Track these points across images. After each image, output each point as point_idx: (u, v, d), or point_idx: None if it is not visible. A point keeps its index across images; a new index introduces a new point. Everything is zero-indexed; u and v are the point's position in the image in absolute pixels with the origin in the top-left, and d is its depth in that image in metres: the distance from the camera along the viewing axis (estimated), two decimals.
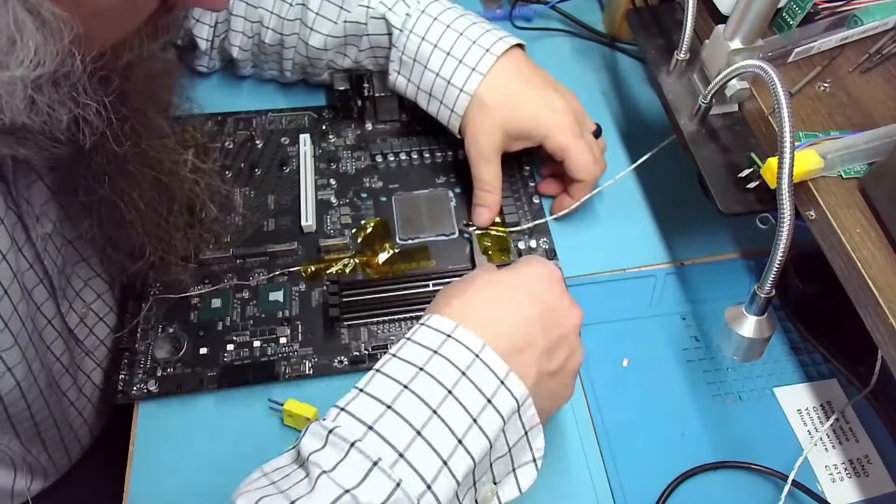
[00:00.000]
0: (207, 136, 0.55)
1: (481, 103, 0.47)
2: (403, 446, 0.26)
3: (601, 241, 0.52)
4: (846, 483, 0.43)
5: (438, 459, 0.27)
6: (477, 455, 0.28)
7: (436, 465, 0.26)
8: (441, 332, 0.31)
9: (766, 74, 0.34)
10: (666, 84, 0.46)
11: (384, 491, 0.25)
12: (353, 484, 0.25)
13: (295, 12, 0.51)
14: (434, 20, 0.48)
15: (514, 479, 0.31)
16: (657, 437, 0.44)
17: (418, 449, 0.26)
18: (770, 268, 0.34)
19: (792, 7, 0.43)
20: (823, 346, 0.47)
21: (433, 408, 0.28)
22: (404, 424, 0.27)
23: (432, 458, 0.27)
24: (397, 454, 0.26)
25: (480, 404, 0.28)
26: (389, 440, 0.26)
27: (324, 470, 0.26)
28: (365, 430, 0.27)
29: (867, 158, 0.38)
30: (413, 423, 0.27)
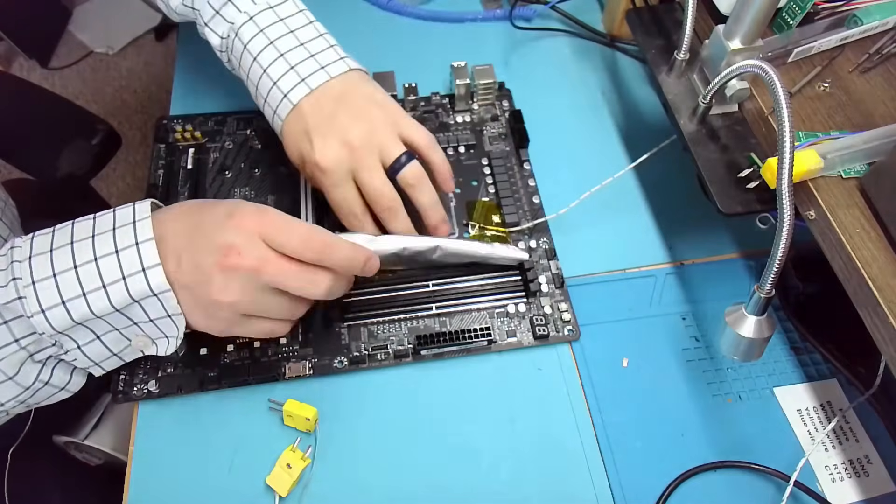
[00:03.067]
0: (207, 137, 0.55)
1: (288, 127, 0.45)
2: (39, 278, 0.35)
3: (601, 241, 0.52)
4: (846, 483, 0.43)
5: (59, 298, 0.35)
6: (97, 310, 0.35)
7: (55, 300, 0.35)
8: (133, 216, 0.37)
9: (766, 74, 0.34)
10: (666, 84, 0.46)
11: (9, 297, 0.34)
12: None
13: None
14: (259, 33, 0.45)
15: (167, 341, 0.39)
16: (657, 437, 0.44)
17: (47, 284, 0.35)
18: (770, 268, 0.34)
19: (792, 7, 0.43)
20: (823, 346, 0.47)
21: (77, 264, 0.35)
22: (49, 266, 0.35)
23: (54, 295, 0.35)
24: (31, 281, 0.35)
25: (115, 277, 0.35)
26: (33, 271, 0.35)
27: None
28: (26, 258, 0.35)
29: (867, 158, 0.38)
30: (55, 267, 0.35)
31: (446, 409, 0.44)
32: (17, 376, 0.36)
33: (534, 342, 0.46)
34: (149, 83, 1.60)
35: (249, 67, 0.45)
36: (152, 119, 0.63)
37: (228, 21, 0.46)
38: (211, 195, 0.52)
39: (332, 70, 0.44)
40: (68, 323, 0.35)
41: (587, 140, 0.58)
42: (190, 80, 0.60)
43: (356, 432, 0.43)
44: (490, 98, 0.58)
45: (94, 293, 0.35)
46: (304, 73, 0.44)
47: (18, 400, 0.37)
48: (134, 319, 0.37)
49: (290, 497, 0.40)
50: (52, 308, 0.34)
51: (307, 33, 0.45)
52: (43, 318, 0.34)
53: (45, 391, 0.38)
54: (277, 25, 0.45)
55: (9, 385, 0.36)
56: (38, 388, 0.38)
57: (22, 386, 0.37)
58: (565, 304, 0.48)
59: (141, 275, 0.35)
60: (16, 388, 0.37)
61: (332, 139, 0.43)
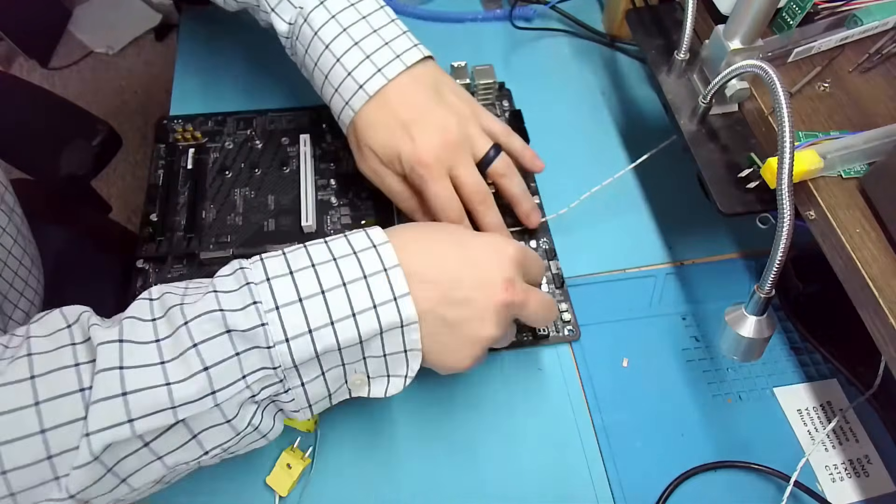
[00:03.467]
0: (207, 137, 0.55)
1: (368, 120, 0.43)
2: (283, 302, 0.31)
3: (601, 241, 0.52)
4: (846, 483, 0.43)
5: (305, 325, 0.31)
6: (343, 341, 0.32)
7: (301, 328, 0.31)
8: (371, 240, 0.34)
9: (766, 74, 0.34)
10: (666, 84, 0.46)
11: (250, 324, 0.30)
12: (230, 307, 0.31)
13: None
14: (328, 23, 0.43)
15: (386, 382, 0.36)
16: (657, 437, 0.44)
17: (293, 310, 0.31)
18: (770, 268, 0.34)
19: (792, 7, 0.43)
20: (823, 346, 0.47)
21: (324, 288, 0.32)
22: (293, 289, 0.32)
23: (300, 322, 0.31)
24: (275, 305, 0.31)
25: (366, 305, 0.32)
26: (275, 294, 0.31)
27: (216, 289, 0.31)
28: (263, 279, 0.32)
29: (867, 158, 0.38)
30: (301, 291, 0.32)
31: (446, 409, 0.44)
32: (235, 419, 0.31)
33: (534, 342, 0.46)
34: (149, 83, 1.60)
35: (320, 55, 0.43)
36: (152, 119, 0.63)
37: (296, 6, 0.44)
38: (211, 195, 0.52)
39: (407, 59, 0.43)
40: (310, 355, 0.31)
41: (587, 140, 0.58)
42: (190, 80, 0.60)
43: (356, 432, 0.43)
44: (490, 98, 0.58)
45: (343, 322, 0.32)
46: (381, 63, 0.42)
47: (223, 447, 0.33)
48: (366, 353, 0.33)
49: (290, 497, 0.40)
50: (298, 337, 0.31)
51: (379, 19, 0.44)
52: (286, 348, 0.31)
53: (249, 438, 0.34)
54: (349, 11, 0.43)
55: (223, 429, 0.31)
56: (246, 434, 0.33)
57: (235, 430, 0.32)
58: (565, 304, 0.48)
59: (392, 304, 0.32)
60: (229, 432, 0.32)
61: (432, 132, 0.42)
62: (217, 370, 0.30)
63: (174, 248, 0.49)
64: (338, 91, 0.43)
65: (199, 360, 0.30)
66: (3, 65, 1.58)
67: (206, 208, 0.51)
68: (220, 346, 0.30)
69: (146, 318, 0.31)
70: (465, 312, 0.35)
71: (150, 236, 0.49)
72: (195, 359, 0.30)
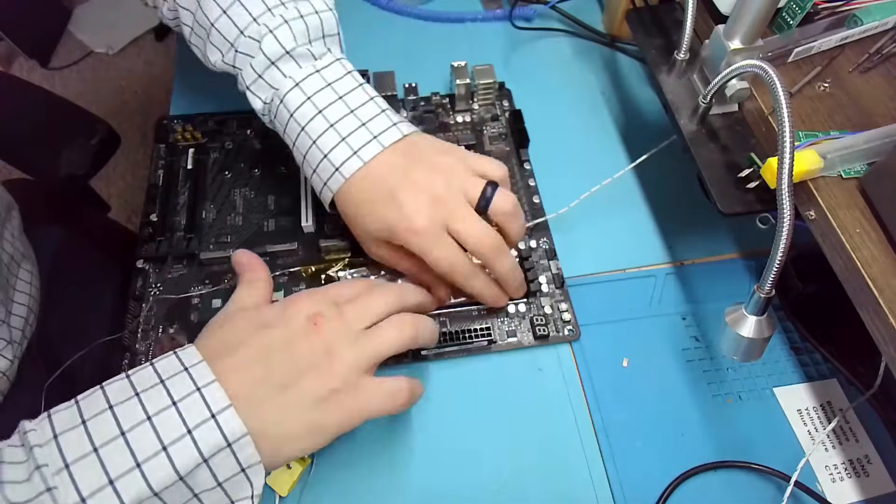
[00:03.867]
0: (207, 137, 0.55)
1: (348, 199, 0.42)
2: (73, 458, 0.28)
3: (601, 241, 0.52)
4: (846, 483, 0.43)
5: (105, 478, 0.28)
6: (156, 482, 0.28)
7: (100, 482, 0.28)
8: (182, 363, 0.32)
9: (766, 74, 0.34)
10: (666, 84, 0.46)
11: (34, 492, 0.27)
12: (10, 480, 0.27)
13: None
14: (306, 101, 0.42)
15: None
16: (657, 437, 0.44)
17: (87, 463, 0.28)
18: (770, 268, 0.34)
19: (792, 7, 0.43)
20: (823, 346, 0.47)
21: (124, 430, 0.29)
22: (86, 440, 0.28)
23: (96, 475, 0.28)
24: (64, 464, 0.28)
25: (178, 433, 0.29)
26: (63, 451, 0.28)
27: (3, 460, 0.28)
28: (50, 439, 0.28)
29: (867, 158, 0.38)
30: (95, 440, 0.28)
31: (446, 409, 0.44)
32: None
33: (534, 342, 0.46)
34: (149, 83, 1.60)
35: (297, 136, 0.42)
36: (152, 119, 0.63)
37: (273, 87, 0.42)
38: (211, 195, 0.52)
39: (385, 140, 0.41)
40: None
41: (587, 140, 0.58)
42: (190, 80, 0.60)
43: (356, 432, 0.43)
44: (490, 98, 0.58)
45: (152, 460, 0.28)
46: (356, 145, 0.41)
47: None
48: (196, 490, 0.30)
49: (290, 497, 0.40)
50: (97, 493, 0.27)
51: (357, 98, 0.42)
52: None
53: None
54: (325, 91, 0.42)
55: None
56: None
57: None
58: (565, 304, 0.48)
59: (211, 422, 0.30)
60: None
61: (416, 194, 0.40)
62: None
63: (174, 248, 0.49)
64: (316, 172, 0.42)
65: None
66: (3, 65, 1.58)
67: (206, 208, 0.51)
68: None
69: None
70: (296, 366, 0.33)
71: (150, 236, 0.49)
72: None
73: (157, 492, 0.28)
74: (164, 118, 0.57)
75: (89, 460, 0.28)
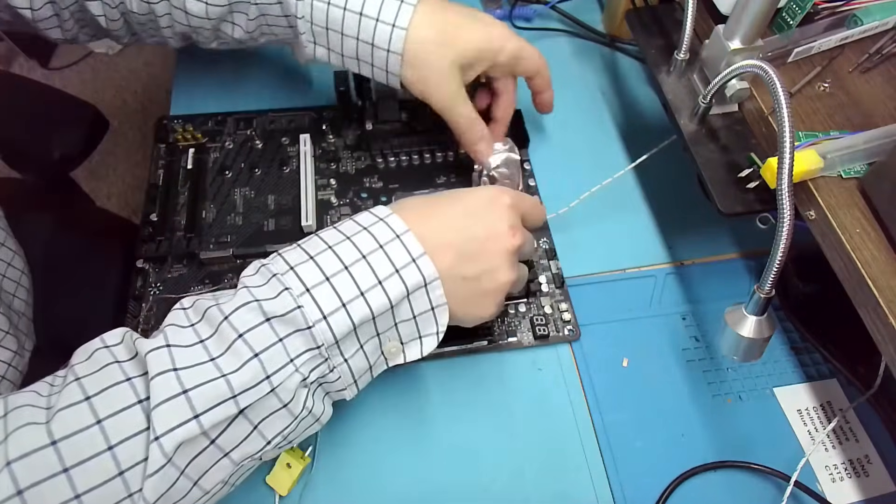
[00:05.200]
0: (207, 137, 0.55)
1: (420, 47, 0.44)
2: (312, 284, 0.32)
3: (601, 241, 0.52)
4: (846, 483, 0.43)
5: (338, 301, 0.32)
6: (376, 308, 0.33)
7: (335, 304, 0.32)
8: (376, 216, 0.36)
9: (766, 74, 0.34)
10: (666, 84, 0.46)
11: (286, 308, 0.32)
12: (264, 297, 0.32)
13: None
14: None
15: (419, 344, 0.37)
16: (657, 437, 0.44)
17: (324, 289, 0.32)
18: (770, 268, 0.34)
19: (792, 7, 0.43)
20: (823, 346, 0.47)
21: (346, 264, 0.33)
22: (318, 271, 0.33)
23: (333, 298, 0.32)
24: (305, 288, 0.32)
25: (389, 271, 0.34)
26: (302, 278, 0.33)
27: (247, 286, 0.33)
28: (287, 269, 0.33)
29: (867, 158, 0.38)
30: (325, 271, 0.33)
31: (446, 409, 0.44)
32: (291, 403, 0.32)
33: (534, 342, 0.46)
34: (149, 83, 1.60)
35: (342, 22, 0.44)
36: (152, 119, 0.63)
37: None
38: (211, 195, 0.52)
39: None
40: (348, 328, 0.33)
41: (587, 140, 0.58)
42: (190, 80, 0.60)
43: (356, 432, 0.43)
44: None
45: (372, 291, 0.33)
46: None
47: (283, 435, 0.34)
48: (397, 319, 0.35)
49: (290, 496, 0.40)
50: (335, 313, 0.32)
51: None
52: (325, 325, 0.32)
53: (305, 423, 0.35)
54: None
55: (282, 415, 0.33)
56: (303, 418, 0.34)
57: (293, 415, 0.33)
58: (565, 304, 0.48)
59: (413, 266, 0.34)
60: (287, 418, 0.33)
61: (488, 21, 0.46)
62: (266, 356, 0.31)
63: (174, 248, 0.49)
64: (374, 45, 0.44)
65: (247, 348, 0.31)
66: (4, 65, 1.58)
67: (206, 208, 0.51)
68: (263, 334, 0.31)
69: (185, 324, 0.32)
70: (481, 266, 0.37)
71: (150, 236, 0.49)
72: (244, 347, 0.31)
73: (375, 316, 0.33)
74: (164, 118, 0.57)
75: (324, 287, 0.32)
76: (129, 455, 0.28)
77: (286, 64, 0.61)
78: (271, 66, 0.61)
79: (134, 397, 0.29)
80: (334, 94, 0.55)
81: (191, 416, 0.29)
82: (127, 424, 0.29)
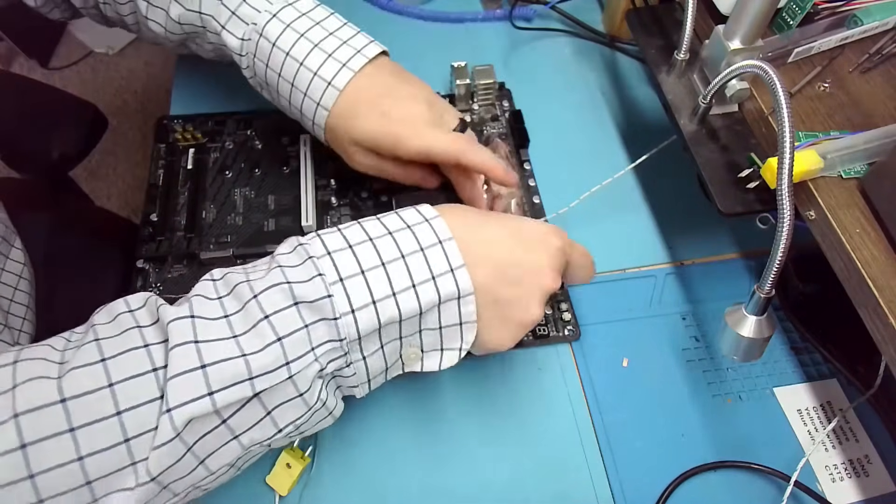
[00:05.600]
0: (207, 137, 0.55)
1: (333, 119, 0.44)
2: (346, 275, 0.31)
3: (601, 241, 0.52)
4: (846, 483, 0.43)
5: (369, 297, 0.31)
6: (405, 312, 0.32)
7: (366, 299, 0.31)
8: (423, 215, 0.35)
9: (766, 74, 0.34)
10: (666, 84, 0.46)
11: (317, 294, 0.31)
12: (296, 280, 0.31)
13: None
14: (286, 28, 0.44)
15: (440, 356, 0.36)
16: (657, 437, 0.44)
17: (357, 282, 0.31)
18: (770, 268, 0.34)
19: (792, 7, 0.43)
20: (823, 346, 0.47)
21: (384, 261, 0.32)
22: (354, 262, 0.32)
23: (364, 293, 0.31)
24: (339, 277, 0.31)
25: (425, 276, 0.33)
26: (338, 266, 0.31)
27: (280, 265, 0.32)
28: (324, 253, 0.32)
29: (867, 158, 0.38)
30: (362, 264, 0.32)
31: (446, 409, 0.44)
32: (307, 393, 0.31)
33: (534, 342, 0.46)
34: (149, 83, 1.60)
35: (282, 64, 0.44)
36: (152, 119, 0.63)
37: (248, 22, 0.44)
38: (211, 195, 0.52)
39: (367, 52, 0.44)
40: (374, 326, 0.32)
41: (587, 140, 0.58)
42: (190, 80, 0.60)
43: (356, 432, 0.43)
44: (490, 98, 0.58)
45: (405, 293, 0.32)
46: (344, 59, 0.43)
47: (296, 424, 0.33)
48: (422, 326, 0.34)
49: (290, 496, 0.40)
50: (363, 308, 0.31)
51: (332, 24, 0.45)
52: (352, 319, 0.31)
53: (319, 416, 0.34)
54: (302, 20, 0.44)
55: (296, 404, 0.32)
56: (316, 410, 0.33)
57: (307, 405, 0.32)
58: (565, 304, 0.48)
59: (450, 275, 0.33)
60: (301, 407, 0.32)
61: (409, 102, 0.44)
62: (289, 341, 0.30)
63: (174, 248, 0.49)
64: (307, 94, 0.44)
65: (272, 331, 0.30)
66: (4, 64, 1.58)
67: (206, 208, 0.51)
68: (290, 318, 0.30)
69: (212, 296, 0.31)
70: (517, 292, 0.35)
71: (151, 236, 0.49)
72: (268, 330, 0.30)
73: (403, 319, 0.32)
74: (164, 118, 0.57)
75: (358, 279, 0.31)
76: (138, 423, 0.28)
77: None
78: None
79: (150, 364, 0.29)
80: None
81: (205, 393, 0.28)
82: (140, 391, 0.28)
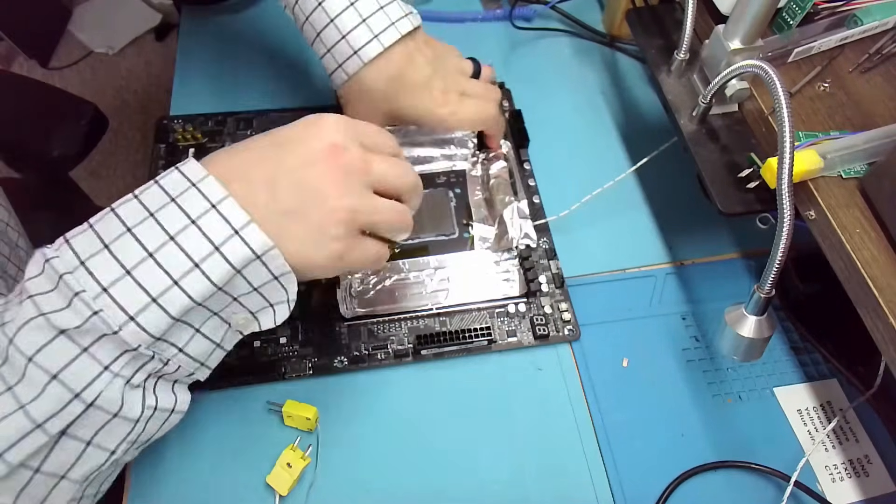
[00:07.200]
0: (207, 137, 0.55)
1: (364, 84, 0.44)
2: (109, 282, 0.28)
3: (601, 241, 0.52)
4: (846, 483, 0.43)
5: (146, 296, 0.28)
6: (198, 295, 0.29)
7: (142, 300, 0.28)
8: (188, 179, 0.30)
9: (766, 74, 0.34)
10: (666, 84, 0.46)
11: (81, 318, 0.27)
12: (52, 308, 0.28)
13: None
14: None
15: (272, 311, 0.33)
16: (657, 437, 0.44)
17: (125, 285, 0.28)
18: (770, 268, 0.34)
19: (792, 7, 0.43)
20: (823, 346, 0.47)
21: (150, 251, 0.29)
22: (115, 264, 0.28)
23: (138, 295, 0.28)
24: (101, 288, 0.28)
25: (206, 250, 0.29)
26: (97, 276, 0.28)
27: (31, 294, 0.28)
28: (77, 265, 0.28)
29: (867, 158, 0.38)
30: (125, 263, 0.28)
31: (446, 409, 0.44)
32: (123, 410, 0.29)
33: (534, 342, 0.46)
34: (149, 83, 1.60)
35: (312, 11, 0.42)
36: (152, 119, 0.63)
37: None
38: None
39: (401, 27, 0.43)
40: (167, 322, 0.29)
41: (587, 140, 0.58)
42: (190, 80, 0.60)
43: (357, 432, 0.43)
44: None
45: (188, 277, 0.29)
46: (377, 29, 0.42)
47: (129, 441, 0.31)
48: (235, 294, 0.31)
49: (291, 496, 0.40)
50: (143, 311, 0.28)
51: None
52: (135, 326, 0.28)
53: (156, 420, 0.32)
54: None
55: (116, 423, 0.30)
56: (148, 418, 0.31)
57: (131, 419, 0.30)
58: (565, 303, 0.48)
59: (235, 239, 0.29)
60: (125, 424, 0.30)
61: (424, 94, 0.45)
62: (69, 373, 0.28)
63: None
64: (330, 52, 0.44)
65: (42, 372, 0.27)
66: (4, 64, 1.58)
67: None
68: (59, 350, 0.28)
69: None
70: (304, 194, 0.32)
71: None
72: (37, 372, 0.27)
73: (200, 302, 0.30)
74: (164, 118, 0.57)
75: (125, 282, 0.28)
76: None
77: (286, 64, 0.61)
78: (271, 66, 0.61)
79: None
80: (334, 94, 0.55)
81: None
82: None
